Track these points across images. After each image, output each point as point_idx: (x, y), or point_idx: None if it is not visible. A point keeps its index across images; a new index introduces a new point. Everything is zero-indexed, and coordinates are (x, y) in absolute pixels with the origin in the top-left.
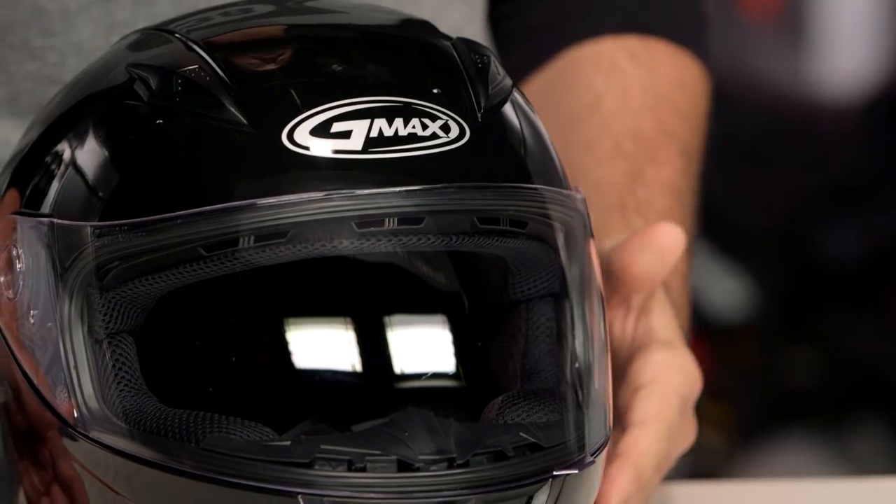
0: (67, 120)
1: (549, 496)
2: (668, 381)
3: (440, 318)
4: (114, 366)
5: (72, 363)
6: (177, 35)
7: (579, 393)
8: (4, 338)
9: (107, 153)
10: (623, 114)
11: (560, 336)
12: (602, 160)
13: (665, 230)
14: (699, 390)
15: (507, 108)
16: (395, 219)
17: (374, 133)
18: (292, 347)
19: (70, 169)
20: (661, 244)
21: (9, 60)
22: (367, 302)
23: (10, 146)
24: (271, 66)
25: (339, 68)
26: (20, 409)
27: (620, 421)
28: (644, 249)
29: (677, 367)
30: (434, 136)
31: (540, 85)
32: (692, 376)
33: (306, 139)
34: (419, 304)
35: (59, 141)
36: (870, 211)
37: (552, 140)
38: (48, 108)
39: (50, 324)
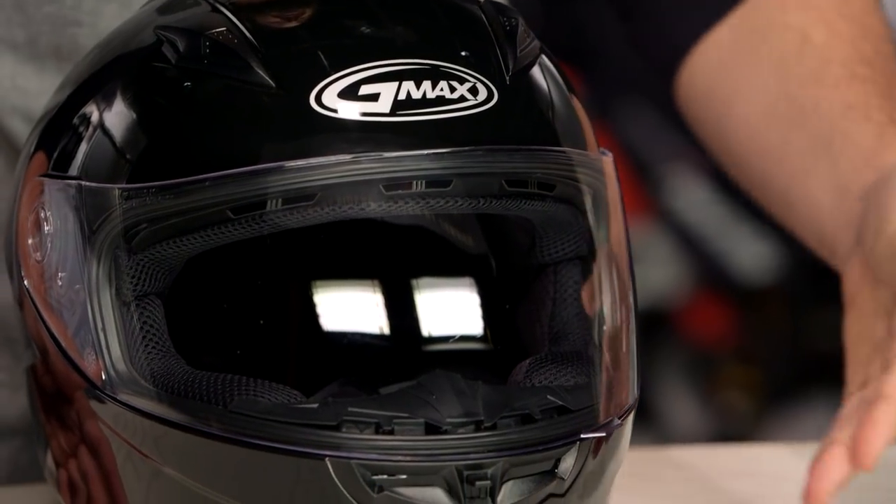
0: (96, 82)
1: (576, 459)
2: None
3: (468, 280)
4: (141, 328)
5: (99, 325)
6: None
7: (607, 356)
8: (32, 300)
9: (135, 115)
10: (838, 43)
11: (588, 299)
12: (840, 86)
13: None
14: None
15: (536, 71)
16: (423, 181)
17: (401, 96)
18: (320, 310)
19: (98, 131)
20: None
21: (27, 3)
22: (395, 264)
23: (30, 93)
24: (299, 29)
25: (367, 30)
26: (48, 371)
27: (886, 350)
28: None
29: None
30: (462, 98)
31: (729, 34)
32: None
33: (334, 102)
34: (447, 266)
35: (87, 103)
36: None
37: (766, 81)
38: (77, 69)
39: (78, 286)
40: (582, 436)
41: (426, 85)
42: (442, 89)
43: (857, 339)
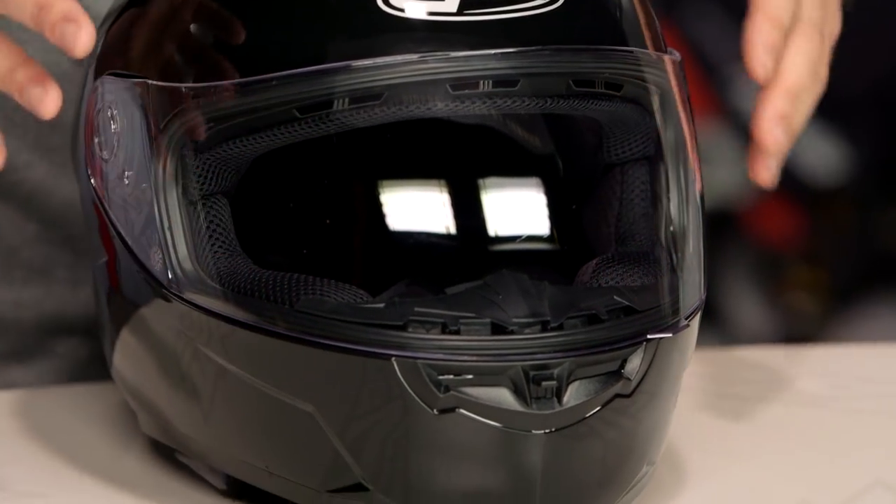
0: None
1: (642, 360)
2: None
3: (534, 180)
4: (208, 227)
5: (166, 224)
6: None
7: (674, 256)
8: (99, 199)
9: (202, 14)
10: None
11: (655, 199)
12: None
13: None
14: None
15: None
16: (490, 81)
17: None
18: (386, 210)
19: (164, 30)
20: None
21: None
22: (462, 164)
23: None
24: None
25: None
26: (114, 270)
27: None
28: None
29: None
30: None
31: None
32: None
33: (401, 1)
34: (514, 166)
35: (151, 2)
36: None
37: None
38: None
39: (144, 185)
40: (648, 336)
41: None
42: None
43: None
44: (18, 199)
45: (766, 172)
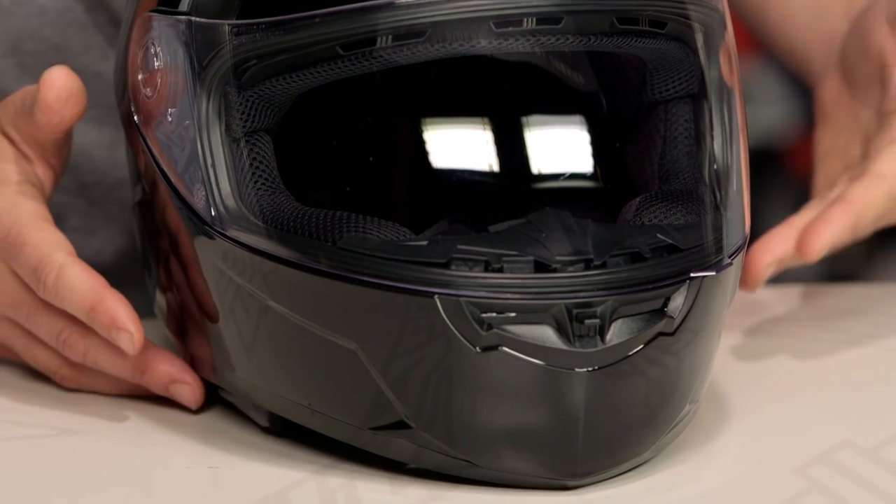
0: None
1: (685, 298)
2: None
3: (578, 118)
4: (251, 164)
5: (209, 161)
6: None
7: (717, 194)
8: (142, 136)
9: None
10: None
11: (698, 137)
12: None
13: None
14: None
15: None
16: (534, 18)
17: None
18: (429, 147)
19: None
20: None
21: None
22: (505, 102)
23: None
24: None
25: None
26: (157, 208)
27: (858, 167)
28: None
29: None
30: None
31: None
32: None
33: None
34: (557, 104)
35: None
36: None
37: None
38: None
39: (187, 122)
40: (692, 274)
41: None
42: None
43: (827, 153)
44: None
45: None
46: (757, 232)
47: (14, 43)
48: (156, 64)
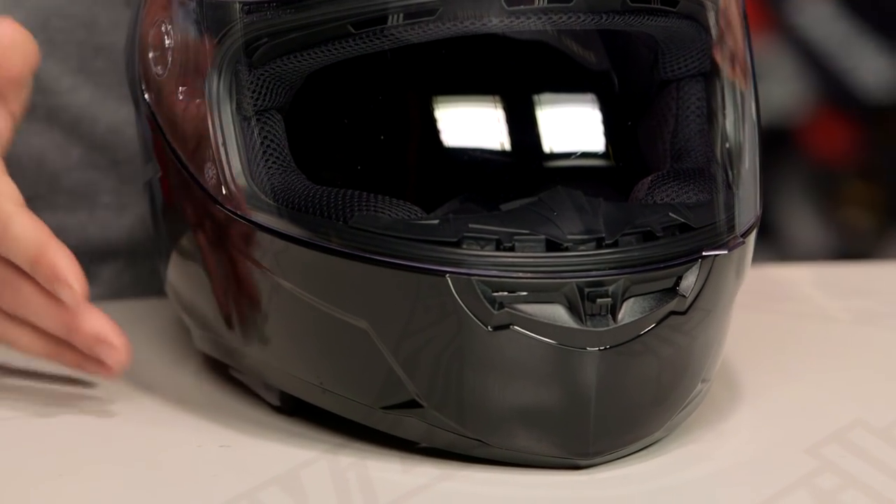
0: None
1: (697, 277)
2: None
3: (590, 96)
4: (262, 142)
5: (220, 140)
6: None
7: (729, 173)
8: (153, 114)
9: None
10: None
11: (710, 116)
12: None
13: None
14: None
15: None
16: None
17: None
18: (441, 126)
19: None
20: None
21: None
22: (517, 80)
23: None
24: None
25: None
26: (168, 186)
27: None
28: None
29: None
30: None
31: None
32: None
33: None
34: (569, 82)
35: None
36: None
37: None
38: None
39: (199, 100)
40: (704, 253)
41: None
42: None
43: None
44: (62, 124)
45: None
46: (769, 211)
47: (43, 20)
48: (168, 42)
